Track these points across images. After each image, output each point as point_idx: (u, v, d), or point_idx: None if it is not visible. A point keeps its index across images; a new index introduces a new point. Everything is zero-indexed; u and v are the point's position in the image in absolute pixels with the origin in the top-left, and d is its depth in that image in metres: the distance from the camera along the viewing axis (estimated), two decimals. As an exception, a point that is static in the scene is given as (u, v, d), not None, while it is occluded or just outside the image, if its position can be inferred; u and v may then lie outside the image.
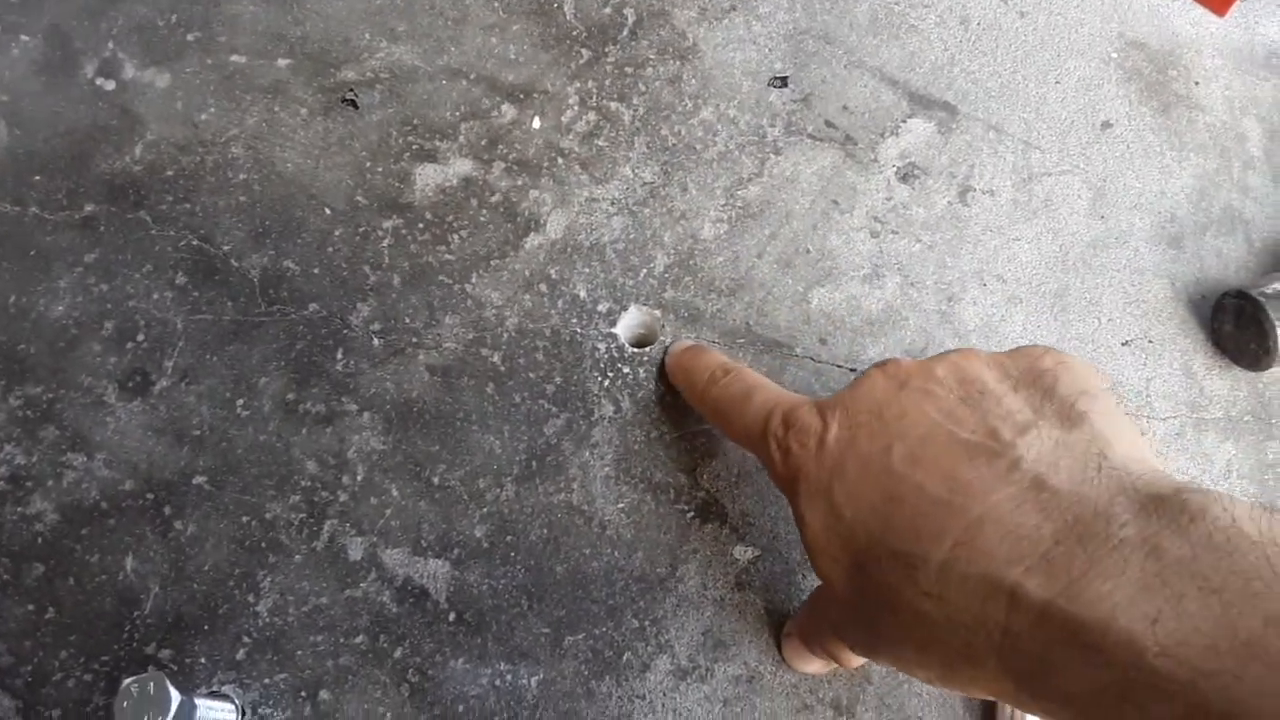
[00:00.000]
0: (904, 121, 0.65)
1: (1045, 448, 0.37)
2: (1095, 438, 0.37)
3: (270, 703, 0.52)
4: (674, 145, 0.65)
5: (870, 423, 0.42)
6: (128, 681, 0.46)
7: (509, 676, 0.53)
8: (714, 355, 0.55)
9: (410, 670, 0.53)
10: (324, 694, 0.53)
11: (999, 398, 0.41)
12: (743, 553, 0.56)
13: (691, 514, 0.57)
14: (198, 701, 0.48)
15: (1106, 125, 0.65)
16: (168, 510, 0.56)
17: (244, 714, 0.52)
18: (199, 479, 0.56)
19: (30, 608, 0.54)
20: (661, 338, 0.60)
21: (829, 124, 0.65)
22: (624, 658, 0.54)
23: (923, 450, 0.40)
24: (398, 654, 0.53)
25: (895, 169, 0.64)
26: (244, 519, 0.55)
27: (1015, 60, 0.67)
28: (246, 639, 0.53)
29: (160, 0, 0.67)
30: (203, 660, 0.53)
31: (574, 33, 0.67)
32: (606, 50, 0.67)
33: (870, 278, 0.62)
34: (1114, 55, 0.67)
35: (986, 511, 0.36)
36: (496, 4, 0.68)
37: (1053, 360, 0.42)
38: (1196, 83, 0.67)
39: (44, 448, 0.57)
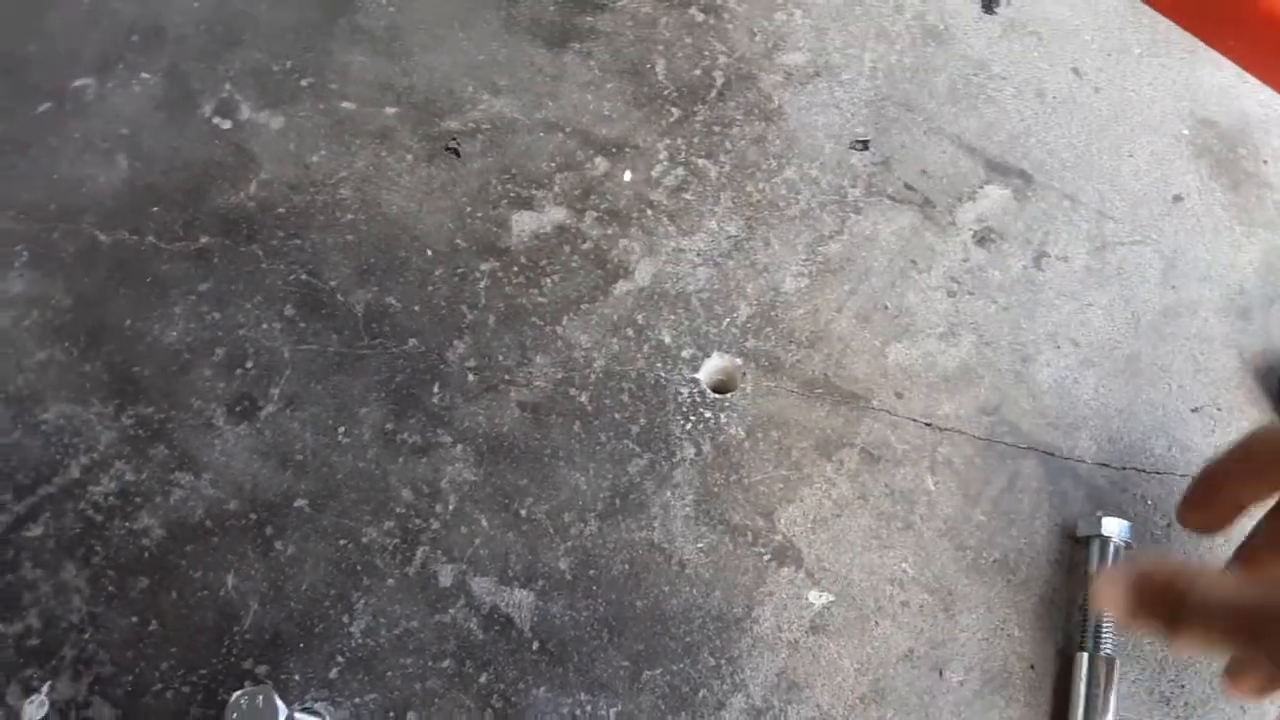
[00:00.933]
0: (981, 187, 0.68)
1: None
2: None
3: (361, 720, 0.54)
4: (758, 201, 0.68)
5: None
6: (238, 694, 0.48)
7: (589, 707, 0.55)
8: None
9: (494, 696, 0.55)
10: (412, 715, 0.55)
11: None
12: (817, 597, 0.58)
13: (768, 557, 0.58)
14: (297, 716, 0.50)
15: (1178, 199, 0.68)
16: (269, 531, 0.58)
17: (336, 730, 0.54)
18: (300, 502, 0.59)
19: (134, 620, 0.56)
20: (741, 385, 0.62)
21: (908, 187, 0.68)
22: (700, 694, 0.55)
23: None
24: (483, 679, 0.55)
25: (972, 232, 0.67)
26: (341, 542, 0.58)
27: (1090, 133, 0.70)
28: (340, 658, 0.56)
29: (275, 46, 0.71)
30: (297, 677, 0.55)
31: (665, 92, 0.71)
32: (695, 110, 0.70)
33: (946, 335, 0.64)
34: (1185, 132, 0.70)
35: None
36: (592, 63, 0.71)
37: None
38: (1265, 161, 0.70)
39: (153, 466, 0.59)
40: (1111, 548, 0.57)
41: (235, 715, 0.48)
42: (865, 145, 0.69)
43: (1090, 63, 0.72)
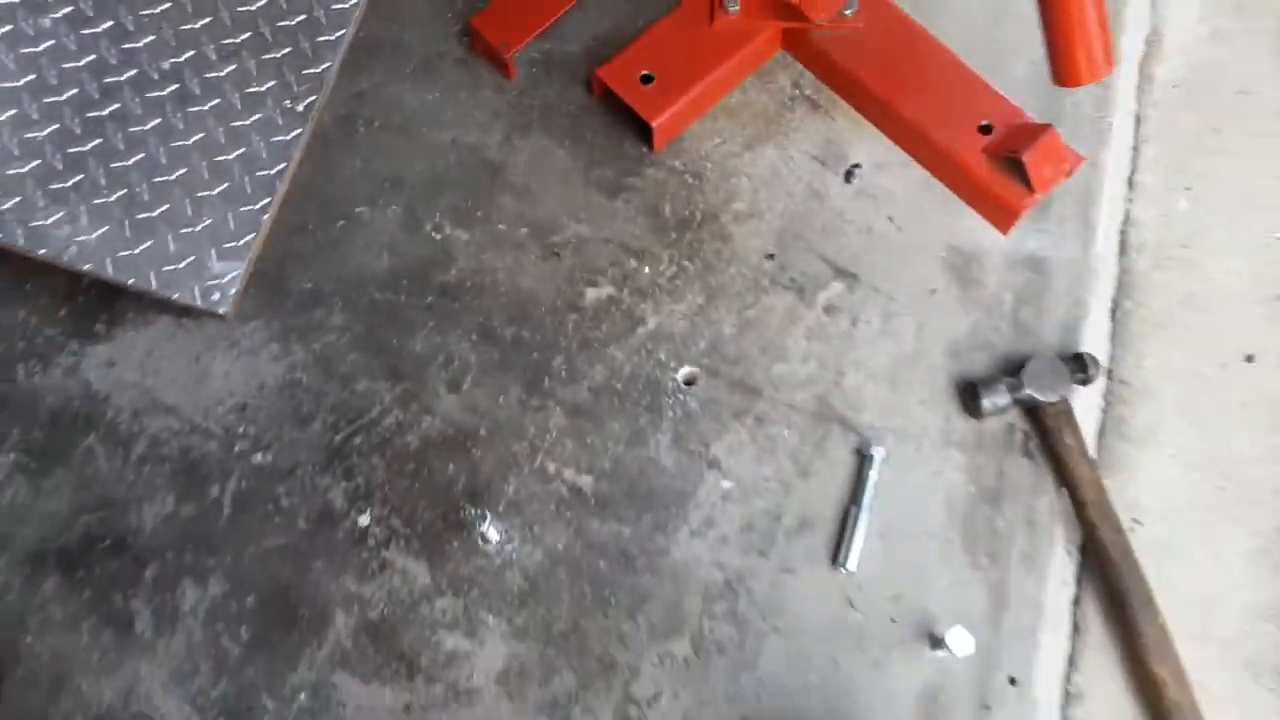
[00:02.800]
0: (830, 283, 1.30)
1: None
2: None
3: None
4: (714, 286, 1.30)
5: None
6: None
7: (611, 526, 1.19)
8: None
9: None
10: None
11: None
12: (726, 484, 1.21)
13: (706, 465, 1.22)
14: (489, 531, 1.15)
15: (933, 291, 1.30)
16: (468, 444, 1.22)
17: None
18: (483, 431, 1.23)
19: (407, 483, 1.21)
20: (699, 381, 1.25)
21: (793, 281, 1.30)
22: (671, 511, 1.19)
23: None
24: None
25: (823, 307, 1.29)
26: (504, 448, 1.22)
27: (891, 254, 1.31)
28: (514, 493, 1.20)
29: (463, 192, 1.35)
30: (492, 511, 1.19)
31: (669, 223, 1.33)
32: (685, 234, 1.33)
33: (803, 359, 1.26)
34: (943, 254, 1.31)
35: None
36: (630, 206, 1.34)
37: None
38: (985, 271, 1.31)
39: (412, 412, 1.24)
40: (874, 461, 1.19)
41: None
42: (772, 257, 1.31)
43: (899, 213, 1.33)
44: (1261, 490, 1.25)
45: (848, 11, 1.30)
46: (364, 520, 1.20)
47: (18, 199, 1.20)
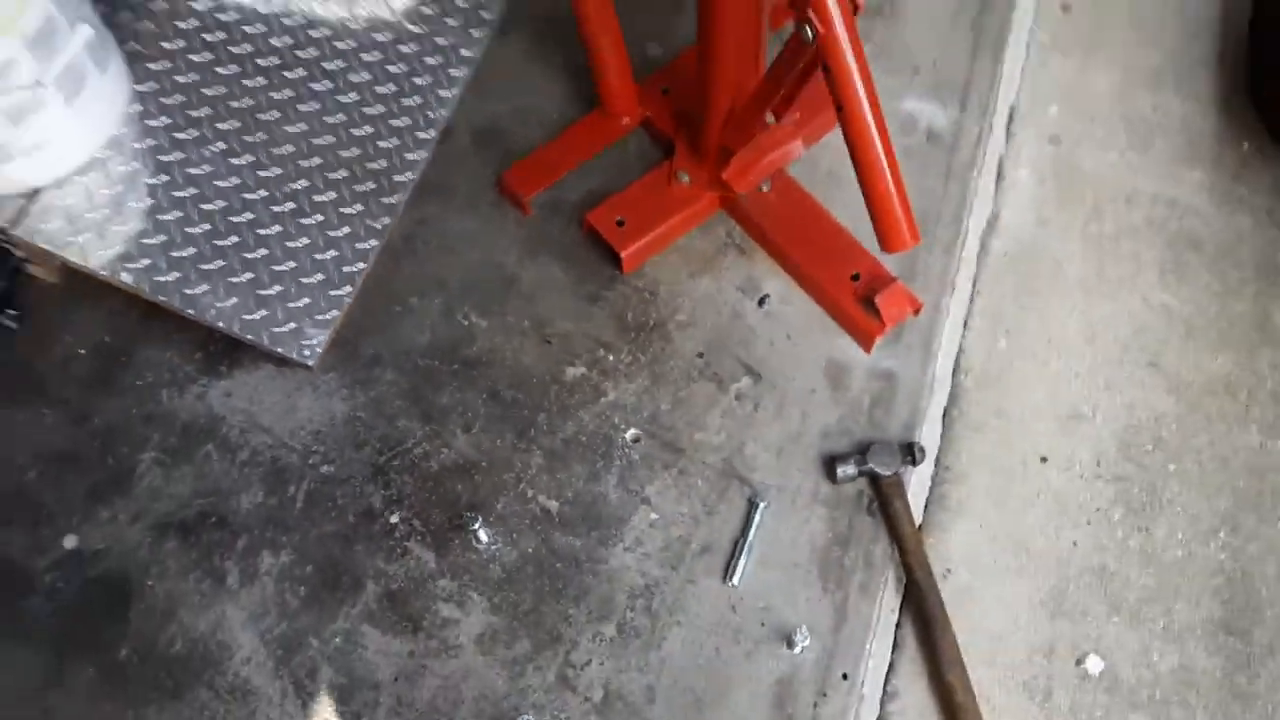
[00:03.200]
0: (741, 379, 1.81)
1: None
2: None
3: None
4: (658, 373, 1.81)
5: None
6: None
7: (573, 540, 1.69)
8: None
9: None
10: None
11: None
12: (646, 516, 1.71)
13: (640, 499, 1.72)
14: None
15: (813, 391, 1.80)
16: (477, 474, 1.73)
17: None
18: (479, 479, 1.73)
19: (427, 494, 1.71)
20: (641, 439, 1.75)
21: (715, 374, 1.81)
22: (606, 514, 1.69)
23: None
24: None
25: (735, 395, 1.80)
26: (502, 475, 1.73)
27: (785, 359, 1.82)
28: (508, 503, 1.70)
29: (487, 292, 1.87)
30: (483, 515, 1.70)
31: (630, 325, 1.85)
32: (640, 334, 1.84)
33: (716, 431, 1.77)
34: (823, 364, 1.82)
35: None
36: (603, 312, 1.86)
37: None
38: (852, 379, 1.81)
39: (434, 443, 1.75)
40: (760, 508, 1.69)
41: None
42: (702, 356, 1.83)
43: (795, 332, 1.84)
44: (1045, 559, 1.73)
45: (764, 187, 1.84)
46: (394, 519, 1.70)
47: (178, 274, 1.74)
